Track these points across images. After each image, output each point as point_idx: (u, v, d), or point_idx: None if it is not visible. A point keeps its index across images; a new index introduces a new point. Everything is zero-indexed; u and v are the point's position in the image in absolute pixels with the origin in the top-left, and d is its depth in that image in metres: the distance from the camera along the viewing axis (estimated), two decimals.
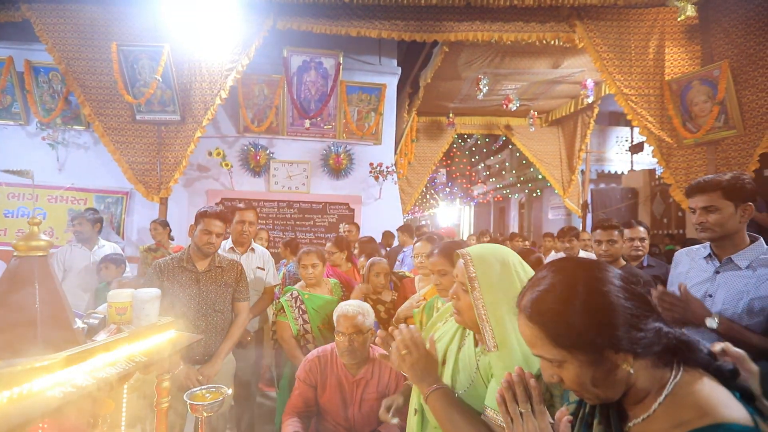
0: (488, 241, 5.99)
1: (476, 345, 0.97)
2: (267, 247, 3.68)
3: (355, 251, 3.68)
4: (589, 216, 8.08)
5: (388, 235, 5.47)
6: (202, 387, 1.39)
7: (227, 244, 2.69)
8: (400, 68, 5.98)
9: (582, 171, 8.38)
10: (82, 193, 5.00)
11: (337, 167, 5.76)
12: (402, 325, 1.03)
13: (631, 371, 0.60)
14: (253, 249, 2.74)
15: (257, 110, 5.46)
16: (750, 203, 1.44)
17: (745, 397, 0.60)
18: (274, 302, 3.27)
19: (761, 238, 1.48)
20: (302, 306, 2.47)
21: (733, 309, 1.41)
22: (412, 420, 1.08)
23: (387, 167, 5.64)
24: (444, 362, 1.07)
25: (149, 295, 1.25)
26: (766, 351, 1.30)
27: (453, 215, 17.93)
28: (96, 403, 1.09)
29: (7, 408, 0.77)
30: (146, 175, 4.73)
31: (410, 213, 15.78)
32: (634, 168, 8.89)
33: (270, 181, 5.66)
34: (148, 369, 1.18)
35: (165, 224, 4.01)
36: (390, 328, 1.05)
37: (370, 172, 5.62)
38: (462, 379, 1.00)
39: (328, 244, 3.16)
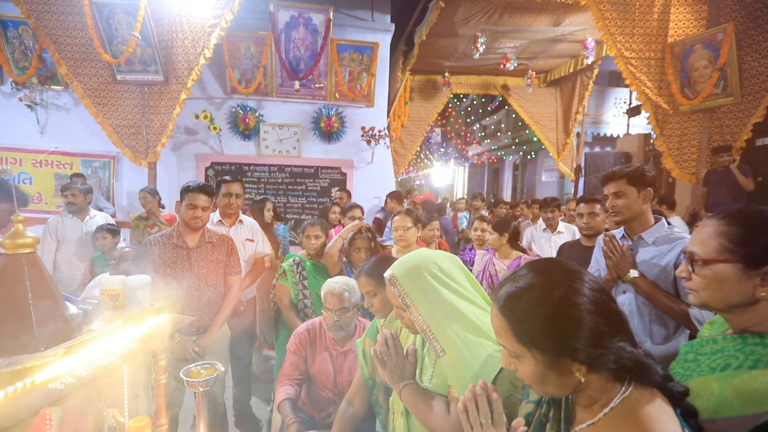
0: (481, 204, 5.99)
1: None
2: (273, 218, 3.69)
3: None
4: (581, 180, 8.12)
5: None
6: (197, 363, 1.47)
7: (215, 217, 2.69)
8: (393, 25, 5.67)
9: (577, 134, 8.29)
10: (67, 157, 4.88)
11: (328, 130, 5.64)
12: (386, 331, 1.10)
13: (582, 380, 0.64)
14: (241, 221, 2.75)
15: (244, 70, 5.22)
16: (650, 189, 1.66)
17: (686, 413, 0.64)
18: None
19: (663, 219, 1.71)
20: (303, 272, 2.56)
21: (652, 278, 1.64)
22: (399, 421, 1.16)
23: (379, 131, 5.53)
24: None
25: (139, 282, 1.29)
26: (671, 308, 1.54)
27: (447, 176, 17.88)
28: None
29: (13, 401, 0.82)
30: (132, 139, 4.61)
31: (404, 173, 15.69)
32: (630, 131, 8.80)
33: (260, 145, 5.56)
34: (146, 351, 1.25)
35: (154, 192, 3.98)
36: (379, 336, 1.11)
37: (362, 136, 5.52)
38: (428, 367, 1.09)
39: (357, 211, 3.18)
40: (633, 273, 1.62)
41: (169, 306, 1.44)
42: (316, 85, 5.49)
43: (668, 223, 1.68)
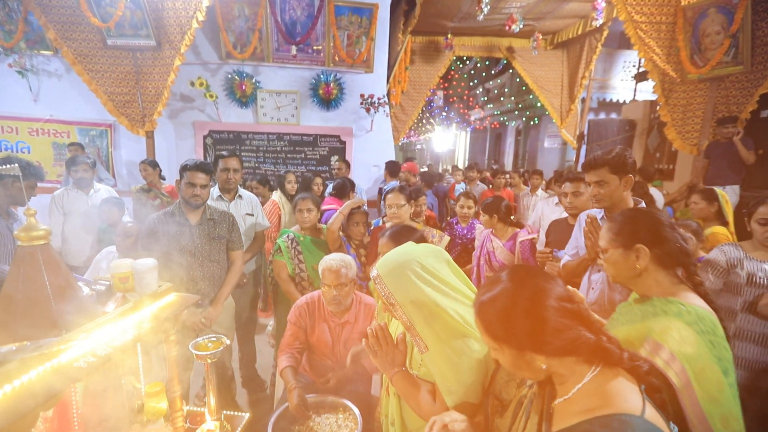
0: (476, 175, 5.93)
1: None
2: (295, 187, 3.69)
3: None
4: (583, 148, 8.03)
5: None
6: (205, 337, 1.58)
7: (215, 192, 2.73)
8: None
9: (582, 99, 8.09)
10: (63, 125, 4.83)
11: (327, 97, 5.53)
12: (375, 323, 1.17)
13: (544, 367, 0.77)
14: (240, 196, 2.78)
15: (239, 33, 5.03)
16: (630, 175, 1.70)
17: (650, 389, 0.74)
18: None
19: (642, 202, 1.76)
20: (298, 247, 2.65)
21: None
22: (393, 401, 1.23)
23: (378, 98, 5.43)
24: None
25: (147, 266, 1.36)
26: None
27: (448, 141, 17.62)
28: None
29: (44, 380, 0.92)
30: (127, 107, 4.56)
31: (405, 137, 15.39)
32: (636, 98, 8.57)
33: (258, 113, 5.47)
34: (157, 330, 1.35)
35: (154, 164, 3.98)
36: (368, 328, 1.18)
37: (361, 103, 5.42)
38: (417, 355, 1.15)
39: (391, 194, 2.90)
40: None
41: (176, 286, 1.53)
42: (315, 47, 5.29)
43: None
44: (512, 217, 2.73)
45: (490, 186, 5.66)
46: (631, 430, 0.65)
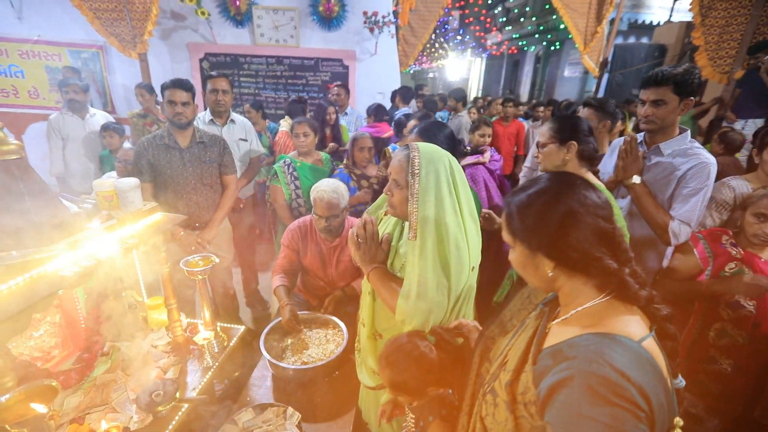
0: (456, 104, 5.33)
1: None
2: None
3: None
4: (605, 77, 7.44)
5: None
6: (195, 256, 1.65)
7: (206, 116, 2.65)
8: None
9: (611, 20, 7.29)
10: (53, 47, 4.60)
11: (328, 15, 5.10)
12: (366, 217, 1.17)
13: (550, 274, 0.72)
14: (233, 120, 2.70)
15: None
16: (692, 98, 1.54)
17: (662, 335, 0.68)
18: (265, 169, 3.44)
19: (688, 131, 1.63)
20: (294, 173, 2.65)
21: (650, 187, 1.66)
22: (366, 299, 1.27)
23: (383, 17, 4.98)
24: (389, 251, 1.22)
25: (129, 185, 1.37)
26: (654, 218, 1.60)
27: (462, 68, 16.49)
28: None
29: (30, 286, 0.99)
30: (116, 26, 4.28)
31: (416, 64, 14.39)
32: (671, 19, 7.70)
33: (255, 33, 5.11)
34: (144, 246, 1.40)
35: (150, 89, 3.84)
36: (359, 220, 1.18)
37: (365, 22, 5.00)
38: (400, 257, 1.17)
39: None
40: (636, 179, 1.62)
41: (164, 206, 1.56)
42: None
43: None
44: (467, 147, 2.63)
45: (496, 116, 5.34)
46: (621, 348, 0.60)
